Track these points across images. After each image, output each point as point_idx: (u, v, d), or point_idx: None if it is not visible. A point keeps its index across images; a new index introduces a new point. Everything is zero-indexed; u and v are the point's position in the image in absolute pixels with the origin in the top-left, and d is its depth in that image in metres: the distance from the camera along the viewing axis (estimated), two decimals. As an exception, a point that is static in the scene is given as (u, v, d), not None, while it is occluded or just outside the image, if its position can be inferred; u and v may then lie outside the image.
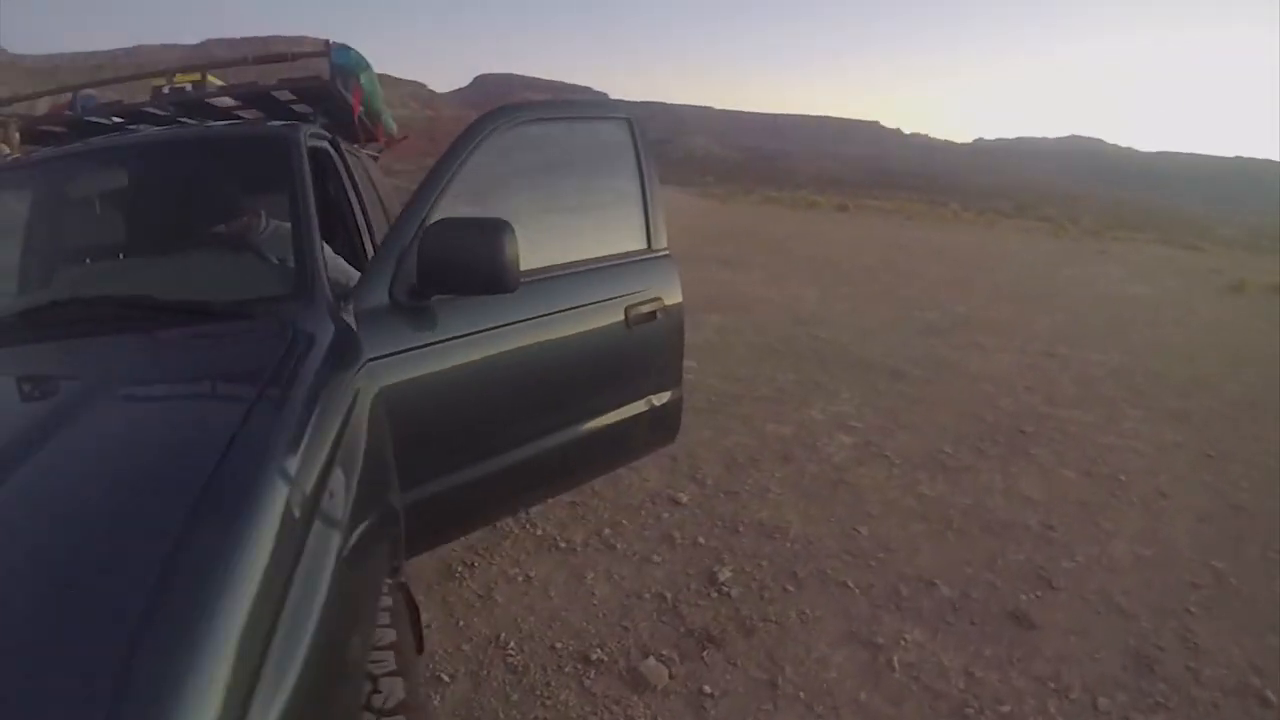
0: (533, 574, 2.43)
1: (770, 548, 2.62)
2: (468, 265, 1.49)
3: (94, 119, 2.35)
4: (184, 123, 2.37)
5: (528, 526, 2.72)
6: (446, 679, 1.93)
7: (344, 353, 1.35)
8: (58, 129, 2.37)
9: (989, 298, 7.67)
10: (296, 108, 2.48)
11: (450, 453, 1.73)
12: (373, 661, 0.96)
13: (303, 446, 0.93)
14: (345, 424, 1.15)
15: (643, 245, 2.18)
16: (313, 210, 1.65)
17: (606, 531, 2.70)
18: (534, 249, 2.40)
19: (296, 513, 0.80)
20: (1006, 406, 4.30)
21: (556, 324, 1.90)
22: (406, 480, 1.61)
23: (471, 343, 1.69)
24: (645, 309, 2.10)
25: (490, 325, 1.72)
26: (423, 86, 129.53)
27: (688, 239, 13.24)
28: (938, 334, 6.03)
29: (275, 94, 2.25)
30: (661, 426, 2.33)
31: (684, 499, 2.97)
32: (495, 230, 1.49)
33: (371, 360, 1.47)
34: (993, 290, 8.16)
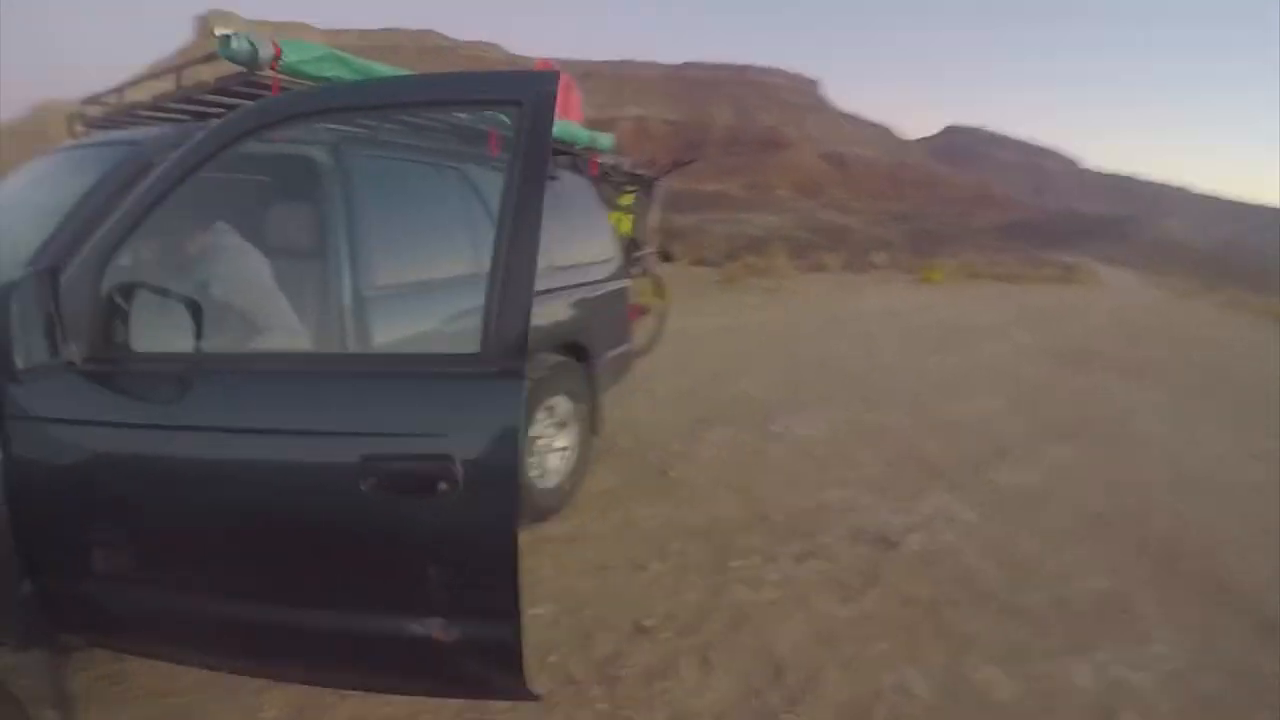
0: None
1: None
2: None
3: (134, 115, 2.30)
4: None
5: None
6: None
7: None
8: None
9: None
10: None
11: (108, 559, 1.36)
12: None
13: None
14: None
15: (471, 348, 1.20)
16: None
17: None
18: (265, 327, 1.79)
19: None
20: None
21: (231, 445, 1.29)
22: (66, 562, 1.37)
23: (132, 435, 1.30)
24: (416, 468, 1.17)
25: (156, 422, 1.30)
26: (889, 131, 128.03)
27: (1100, 332, 10.40)
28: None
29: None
30: (457, 675, 1.31)
31: None
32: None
33: (21, 419, 1.28)
34: None
